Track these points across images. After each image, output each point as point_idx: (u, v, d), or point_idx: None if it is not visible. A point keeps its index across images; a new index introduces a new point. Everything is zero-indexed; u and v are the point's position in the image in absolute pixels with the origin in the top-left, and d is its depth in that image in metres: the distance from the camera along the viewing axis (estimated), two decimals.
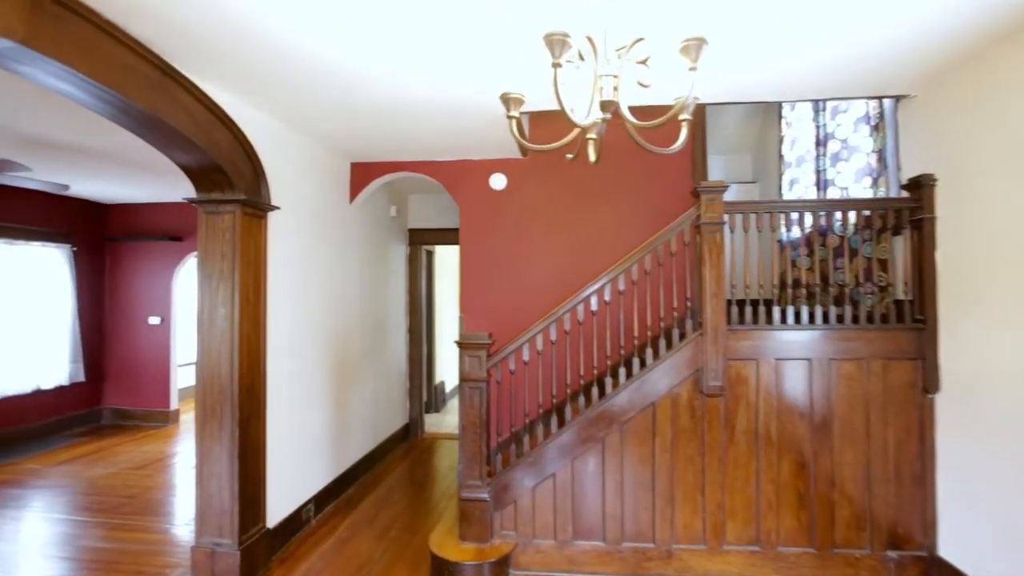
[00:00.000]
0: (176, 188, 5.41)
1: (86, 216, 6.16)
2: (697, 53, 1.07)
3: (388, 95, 2.78)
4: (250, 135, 2.82)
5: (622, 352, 3.04)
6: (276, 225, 3.14)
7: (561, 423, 3.02)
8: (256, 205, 2.85)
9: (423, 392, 6.04)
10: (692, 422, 2.93)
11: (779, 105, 4.55)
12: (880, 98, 3.12)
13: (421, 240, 5.98)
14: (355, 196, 4.33)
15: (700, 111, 4.11)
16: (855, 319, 2.89)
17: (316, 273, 3.71)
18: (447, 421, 6.64)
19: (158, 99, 2.21)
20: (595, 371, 3.04)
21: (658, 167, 3.99)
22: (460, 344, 2.90)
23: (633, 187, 4.06)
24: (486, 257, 4.22)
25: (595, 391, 2.98)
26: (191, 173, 2.66)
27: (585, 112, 1.20)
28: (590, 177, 4.11)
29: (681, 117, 1.16)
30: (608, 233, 4.06)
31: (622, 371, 2.96)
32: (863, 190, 3.33)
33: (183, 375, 6.66)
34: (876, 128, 3.25)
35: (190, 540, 3.28)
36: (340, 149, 3.93)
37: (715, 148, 5.19)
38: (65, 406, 5.92)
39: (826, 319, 2.92)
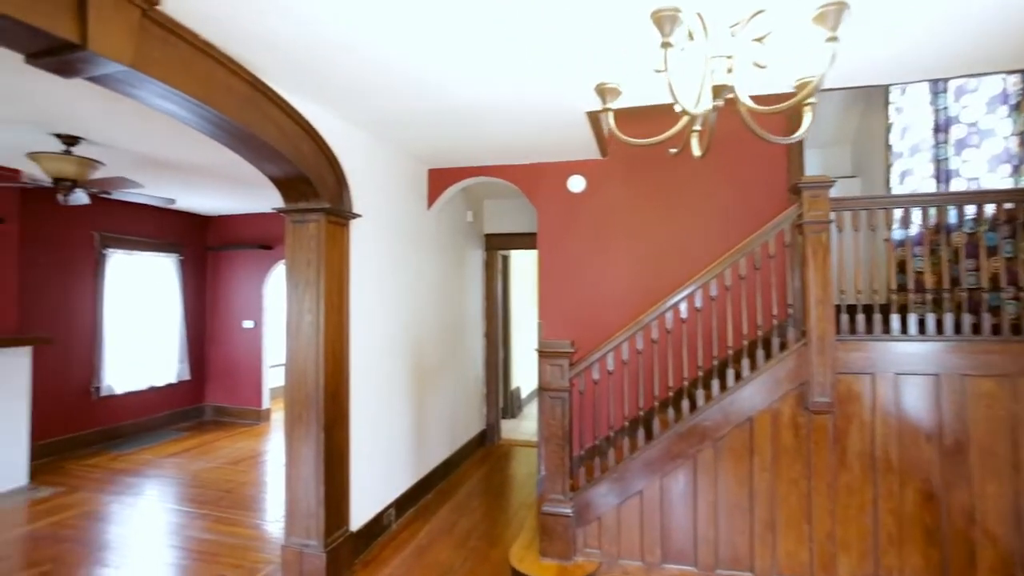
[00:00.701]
0: (266, 199, 5.72)
1: (190, 227, 6.67)
2: (836, 20, 0.90)
3: (466, 99, 2.75)
4: (333, 145, 2.88)
5: (715, 362, 2.81)
6: (358, 232, 3.20)
7: (649, 437, 2.85)
8: (339, 213, 2.90)
9: (499, 397, 6.00)
10: (795, 441, 2.65)
11: (886, 90, 4.10)
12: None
13: (497, 245, 5.96)
14: (433, 202, 4.36)
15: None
16: (995, 329, 2.50)
17: (395, 279, 3.75)
18: (523, 427, 6.58)
19: (250, 114, 2.29)
20: (684, 382, 2.84)
21: (749, 164, 3.71)
22: (541, 352, 2.80)
23: (720, 186, 3.80)
24: (564, 262, 4.11)
25: (685, 404, 2.78)
26: (279, 184, 2.75)
27: (693, 100, 1.07)
28: (673, 177, 3.90)
29: (808, 100, 1.00)
30: (692, 236, 3.82)
31: (715, 383, 2.74)
32: (1000, 180, 2.90)
33: (273, 376, 7.04)
34: (1017, 108, 2.82)
35: (280, 537, 3.40)
36: (418, 156, 3.97)
37: (810, 142, 4.79)
38: (173, 402, 6.42)
39: (957, 329, 2.55)
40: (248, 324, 6.67)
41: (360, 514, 3.19)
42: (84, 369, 5.41)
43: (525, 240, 5.76)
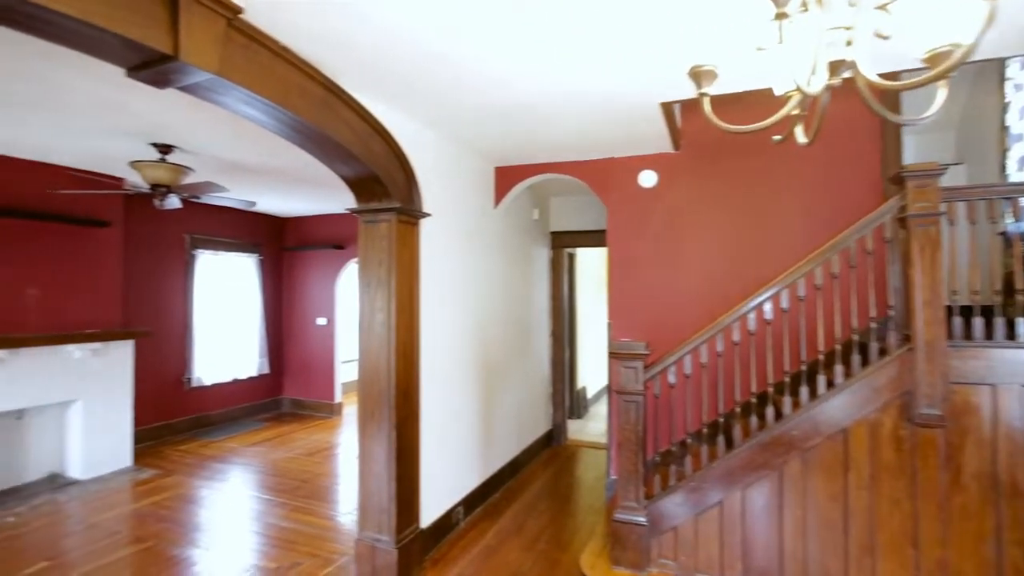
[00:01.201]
0: (338, 200, 5.92)
1: (268, 229, 7.03)
2: None
3: (534, 94, 2.69)
4: (402, 144, 2.90)
5: (803, 367, 2.60)
6: (427, 232, 3.21)
7: (729, 445, 2.68)
8: (409, 212, 2.92)
9: (566, 397, 5.92)
10: (898, 457, 2.41)
11: (1001, 64, 3.66)
12: None
13: (563, 243, 5.87)
14: (499, 200, 4.34)
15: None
16: None
17: (463, 278, 3.75)
18: (590, 428, 6.46)
19: (324, 115, 2.33)
20: (768, 388, 2.65)
21: (838, 154, 3.42)
22: (615, 354, 2.70)
23: (805, 179, 3.53)
24: (635, 260, 3.97)
25: (769, 411, 2.59)
26: (351, 184, 2.80)
27: (804, 79, 0.94)
28: (751, 170, 3.67)
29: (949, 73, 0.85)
30: (771, 232, 3.59)
31: (803, 390, 2.54)
32: None
33: (344, 371, 7.31)
34: None
35: (352, 529, 3.49)
36: (485, 154, 3.95)
37: (906, 128, 4.37)
38: (254, 394, 6.79)
39: None
40: (321, 321, 6.95)
41: (430, 511, 3.21)
42: (177, 361, 5.82)
43: (591, 237, 5.64)
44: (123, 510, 3.90)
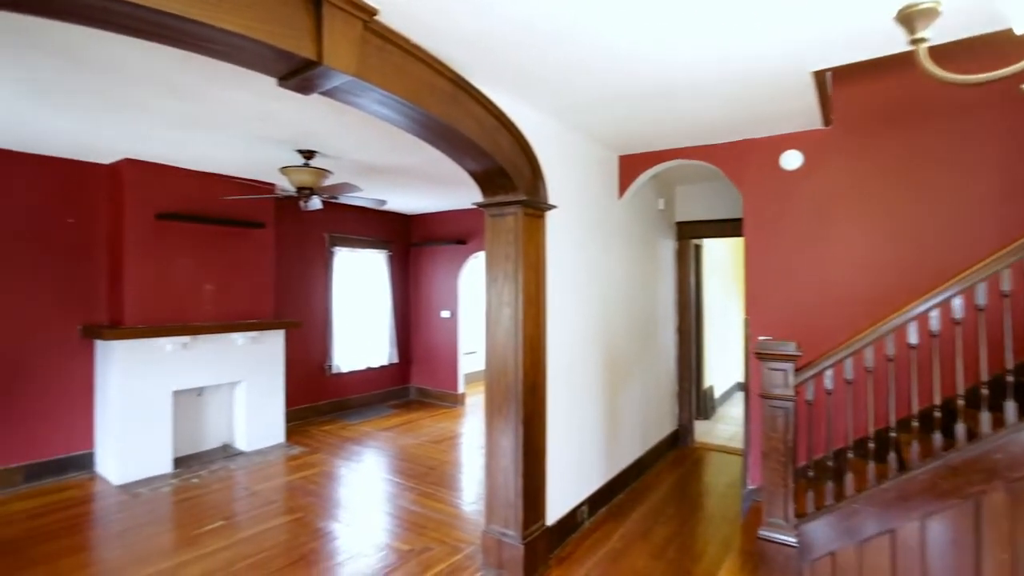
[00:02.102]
0: (461, 196, 6.08)
1: (397, 226, 7.44)
2: None
3: (663, 72, 2.48)
4: (527, 135, 2.85)
5: (1009, 377, 2.14)
6: (552, 224, 3.14)
7: (902, 463, 2.29)
8: (535, 205, 2.87)
9: (693, 397, 5.57)
10: None
11: None
12: None
13: (690, 233, 5.51)
14: (624, 191, 4.15)
15: None
16: None
17: (588, 272, 3.64)
18: (718, 430, 6.03)
19: (452, 110, 2.34)
20: (959, 400, 2.22)
21: None
22: (761, 354, 2.43)
23: (996, 151, 2.93)
24: (776, 250, 3.58)
25: (959, 428, 2.17)
26: (478, 178, 2.81)
27: None
28: (925, 146, 3.13)
29: None
30: (956, 219, 3.04)
31: (1009, 405, 2.09)
32: None
33: (467, 362, 7.55)
34: None
35: (477, 520, 3.55)
36: (609, 142, 3.79)
37: None
38: (385, 382, 7.25)
39: None
40: (445, 314, 7.22)
41: (555, 509, 3.16)
42: (320, 350, 6.37)
43: (720, 227, 5.23)
44: (278, 482, 4.33)
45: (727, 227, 5.16)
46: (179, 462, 4.67)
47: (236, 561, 3.04)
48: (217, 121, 3.30)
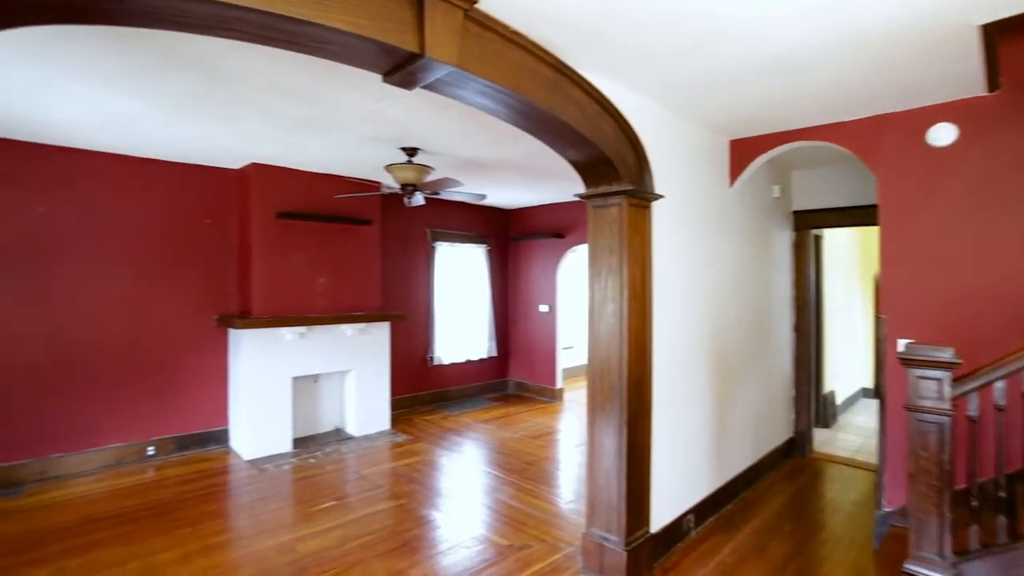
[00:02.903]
0: (559, 190, 5.99)
1: (495, 220, 7.50)
2: None
3: (790, 42, 2.22)
4: (631, 122, 2.70)
5: None
6: (658, 215, 2.96)
7: None
8: (641, 195, 2.71)
9: (811, 402, 5.08)
10: None
11: None
12: None
13: (808, 223, 5.00)
14: (735, 178, 3.84)
15: None
16: None
17: (696, 265, 3.40)
18: (840, 440, 5.45)
19: (554, 97, 2.26)
20: None
21: None
22: (908, 360, 2.10)
23: None
24: (920, 240, 3.13)
25: None
26: (580, 168, 2.70)
27: None
28: None
29: None
30: None
31: None
32: None
33: (565, 357, 7.47)
34: None
35: (575, 519, 3.47)
36: (718, 127, 3.51)
37: None
38: (483, 375, 7.37)
39: None
40: (543, 308, 7.18)
41: (659, 516, 2.99)
42: (422, 341, 6.60)
43: (844, 216, 4.69)
44: (384, 467, 4.53)
45: (853, 215, 4.62)
46: (298, 443, 5.05)
47: (347, 541, 3.20)
48: (330, 122, 3.47)
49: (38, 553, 3.05)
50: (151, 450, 4.56)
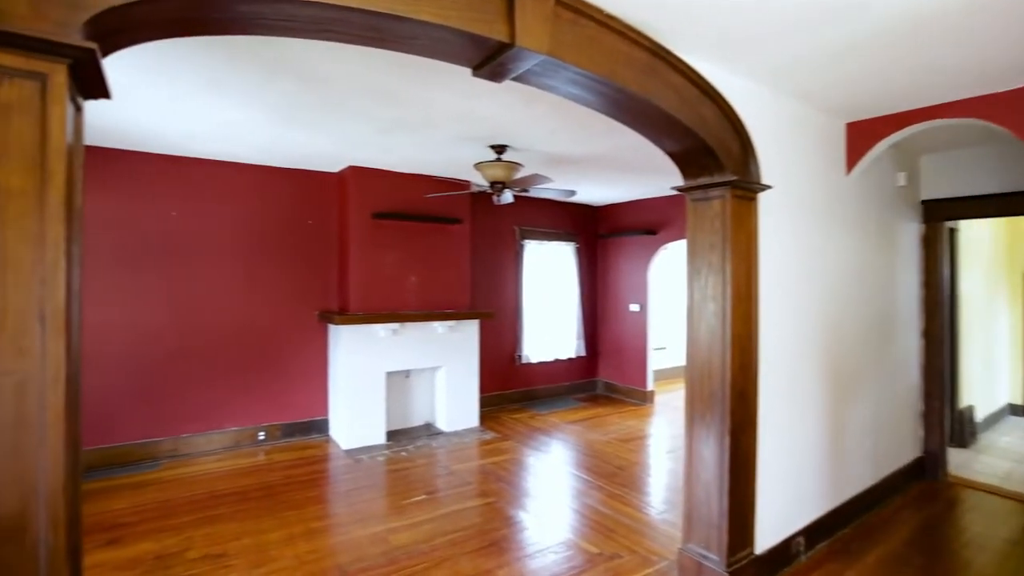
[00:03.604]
0: (652, 185, 5.74)
1: (584, 217, 7.36)
2: None
3: (921, 6, 1.92)
4: (735, 106, 2.48)
5: None
6: (765, 208, 2.71)
7: None
8: (746, 186, 2.49)
9: (945, 418, 4.47)
10: None
11: None
12: None
13: (941, 214, 4.39)
14: (852, 165, 3.45)
15: None
16: None
17: (807, 263, 3.09)
18: (981, 463, 4.76)
19: (650, 83, 2.12)
20: None
21: None
22: None
23: None
24: None
25: None
26: (677, 158, 2.53)
27: None
28: None
29: None
30: None
31: None
32: None
33: (657, 359, 7.18)
34: None
35: (669, 531, 3.28)
36: (834, 108, 3.16)
37: None
38: (571, 375, 7.26)
39: None
40: (634, 307, 6.94)
41: (765, 536, 2.74)
42: (510, 340, 6.62)
43: (988, 204, 4.07)
44: (472, 464, 4.57)
45: (999, 203, 4.00)
46: (390, 435, 5.24)
47: (436, 535, 3.25)
48: (421, 122, 3.54)
49: (170, 521, 3.38)
50: (262, 435, 4.93)
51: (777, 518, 2.84)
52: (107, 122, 3.58)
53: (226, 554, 3.01)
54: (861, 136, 3.42)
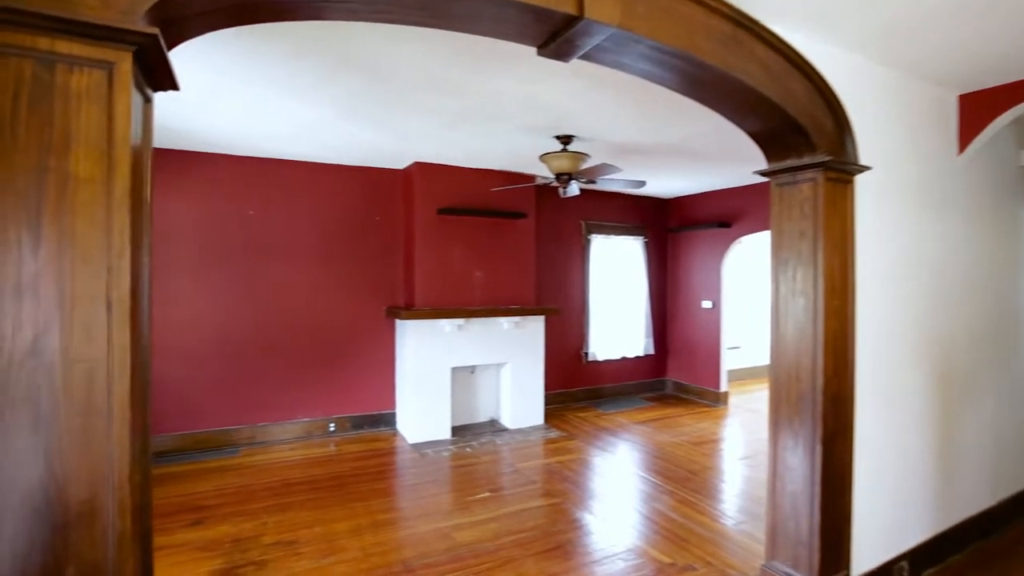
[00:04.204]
0: (726, 175, 5.41)
1: (653, 211, 7.08)
2: None
3: None
4: (828, 78, 2.22)
5: None
6: (862, 192, 2.43)
7: None
8: (840, 167, 2.23)
9: None
10: None
11: None
12: None
13: None
14: (966, 143, 3.04)
15: None
16: None
17: (911, 253, 2.75)
18: None
19: (731, 55, 1.92)
20: None
21: None
22: None
23: None
24: None
25: None
26: (761, 139, 2.31)
27: None
28: None
29: None
30: None
31: None
32: None
33: (730, 358, 6.79)
34: None
35: (747, 544, 3.04)
36: (944, 77, 2.79)
37: None
38: (639, 373, 7.00)
39: None
40: (706, 304, 6.59)
41: (863, 558, 2.46)
42: (576, 337, 6.47)
43: None
44: (537, 463, 4.48)
45: None
46: (455, 431, 5.24)
47: (501, 535, 3.18)
48: (485, 113, 3.48)
49: (248, 506, 3.53)
50: (332, 426, 5.08)
51: (876, 539, 2.54)
52: (192, 126, 3.79)
53: (297, 541, 3.08)
54: (977, 109, 3.01)
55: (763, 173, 2.41)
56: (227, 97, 3.18)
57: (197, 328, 4.56)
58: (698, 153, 4.51)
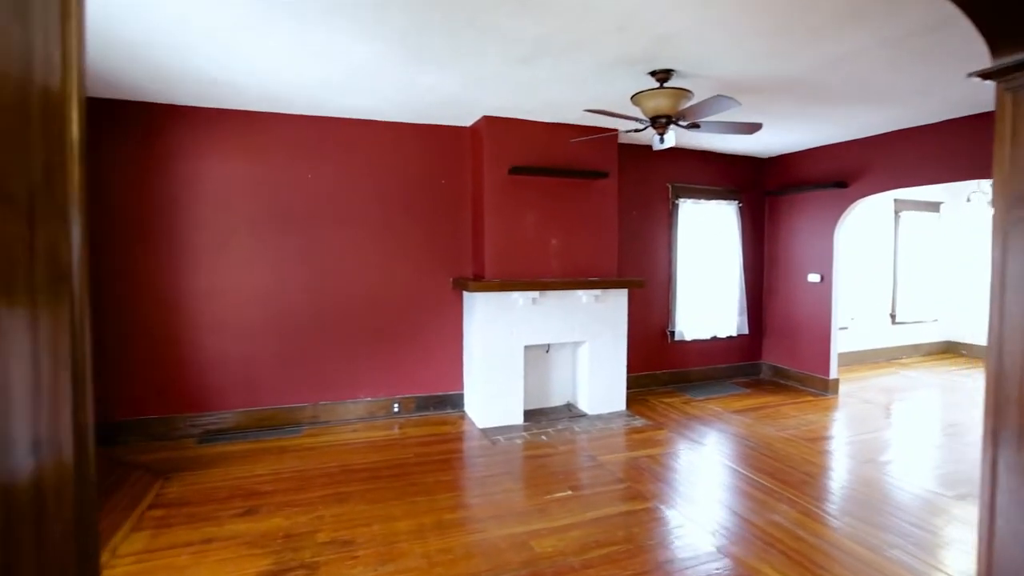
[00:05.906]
0: (851, 123, 4.48)
1: (748, 172, 6.19)
2: None
3: None
4: None
5: None
6: None
7: None
8: None
9: None
10: None
11: None
12: None
13: None
14: None
15: None
16: None
17: None
18: None
19: None
20: None
21: None
22: None
23: None
24: None
25: None
26: (986, 14, 1.57)
27: None
28: None
29: None
30: None
31: None
32: None
33: (842, 340, 5.88)
34: None
35: None
36: None
37: None
38: (731, 356, 6.23)
39: None
40: (813, 278, 5.70)
41: None
42: (661, 314, 5.79)
43: None
44: (622, 456, 3.92)
45: None
46: (528, 415, 4.76)
47: (588, 547, 2.67)
48: (568, 42, 2.86)
49: (304, 495, 3.21)
50: (396, 407, 4.74)
51: None
52: (243, 78, 3.42)
53: (354, 541, 2.71)
54: None
55: (983, 74, 1.66)
56: (271, 31, 2.74)
57: (257, 302, 4.30)
58: (825, 89, 3.68)
